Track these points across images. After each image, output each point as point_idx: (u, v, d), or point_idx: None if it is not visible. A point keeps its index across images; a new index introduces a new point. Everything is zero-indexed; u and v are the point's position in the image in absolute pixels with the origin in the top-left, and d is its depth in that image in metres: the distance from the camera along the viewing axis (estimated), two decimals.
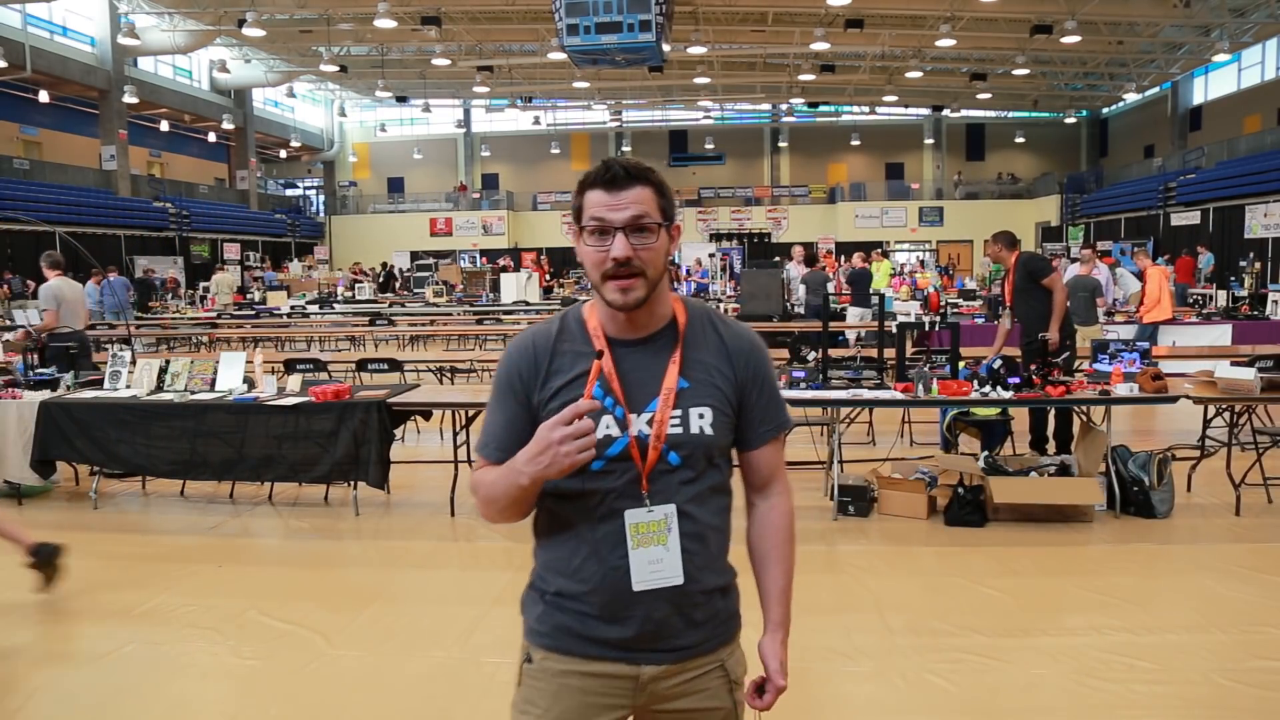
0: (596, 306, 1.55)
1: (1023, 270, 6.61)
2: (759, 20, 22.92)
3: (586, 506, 1.50)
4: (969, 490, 5.25)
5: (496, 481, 1.48)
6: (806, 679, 3.37)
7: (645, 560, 1.47)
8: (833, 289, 14.04)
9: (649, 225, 1.47)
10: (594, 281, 1.50)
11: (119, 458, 5.76)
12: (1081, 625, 3.85)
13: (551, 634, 1.54)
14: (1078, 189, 32.13)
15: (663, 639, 1.51)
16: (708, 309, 1.62)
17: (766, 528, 1.64)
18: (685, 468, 1.50)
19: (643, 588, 1.47)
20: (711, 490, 1.54)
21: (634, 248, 1.45)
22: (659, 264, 1.48)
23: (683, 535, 1.49)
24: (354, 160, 38.64)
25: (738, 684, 1.60)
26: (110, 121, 25.25)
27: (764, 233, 34.66)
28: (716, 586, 1.56)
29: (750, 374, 1.58)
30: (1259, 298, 13.20)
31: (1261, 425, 6.05)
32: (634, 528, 1.48)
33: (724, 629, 1.58)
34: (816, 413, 6.10)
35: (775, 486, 1.65)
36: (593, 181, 1.49)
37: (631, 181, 1.47)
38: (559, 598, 1.53)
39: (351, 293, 21.30)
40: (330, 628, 3.92)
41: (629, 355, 1.52)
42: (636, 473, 1.48)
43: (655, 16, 15.39)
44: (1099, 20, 21.79)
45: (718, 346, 1.56)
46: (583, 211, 1.50)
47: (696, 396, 1.51)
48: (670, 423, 1.49)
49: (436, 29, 21.73)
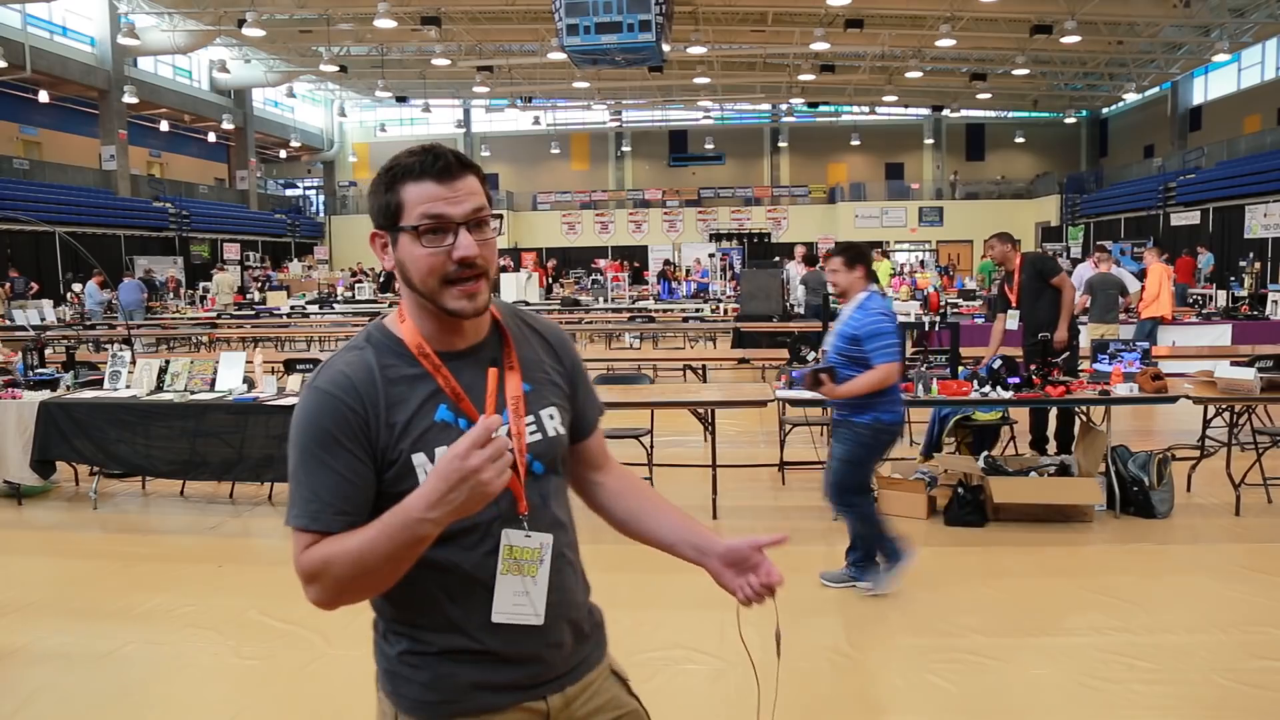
0: (409, 320, 1.36)
1: (1031, 270, 6.57)
2: (759, 20, 22.92)
3: (469, 543, 1.31)
4: (969, 490, 5.25)
5: (374, 544, 1.20)
6: (806, 679, 3.37)
7: (510, 590, 1.32)
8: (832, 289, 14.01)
9: (488, 218, 1.32)
10: (428, 289, 1.30)
11: (119, 458, 5.75)
12: (1081, 625, 3.85)
13: (450, 700, 1.34)
14: (1078, 189, 32.14)
15: (563, 662, 1.40)
16: (510, 305, 1.51)
17: (627, 488, 1.56)
18: (549, 473, 1.40)
19: (501, 619, 1.32)
20: (565, 491, 1.47)
21: (477, 244, 1.29)
22: (496, 261, 1.34)
23: (564, 547, 1.40)
24: (354, 160, 38.66)
25: (628, 680, 1.54)
26: (110, 121, 25.25)
27: (764, 233, 34.66)
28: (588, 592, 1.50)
29: (574, 364, 1.50)
30: (1259, 298, 13.19)
31: (1261, 425, 6.05)
32: (507, 550, 1.32)
33: (599, 632, 1.52)
34: (816, 413, 6.11)
35: (611, 460, 1.59)
36: (419, 172, 1.28)
37: (464, 170, 1.30)
38: (451, 655, 1.34)
39: (351, 293, 21.30)
40: (330, 628, 3.91)
41: (463, 368, 1.34)
42: (512, 495, 1.32)
43: (655, 16, 15.41)
44: (1099, 20, 21.80)
45: (540, 342, 1.47)
46: (403, 209, 1.29)
47: (541, 398, 1.41)
48: (528, 431, 1.37)
49: (436, 29, 21.74)
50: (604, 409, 1.59)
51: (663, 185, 36.82)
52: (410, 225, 1.28)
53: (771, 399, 5.86)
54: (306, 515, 1.26)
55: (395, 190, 1.30)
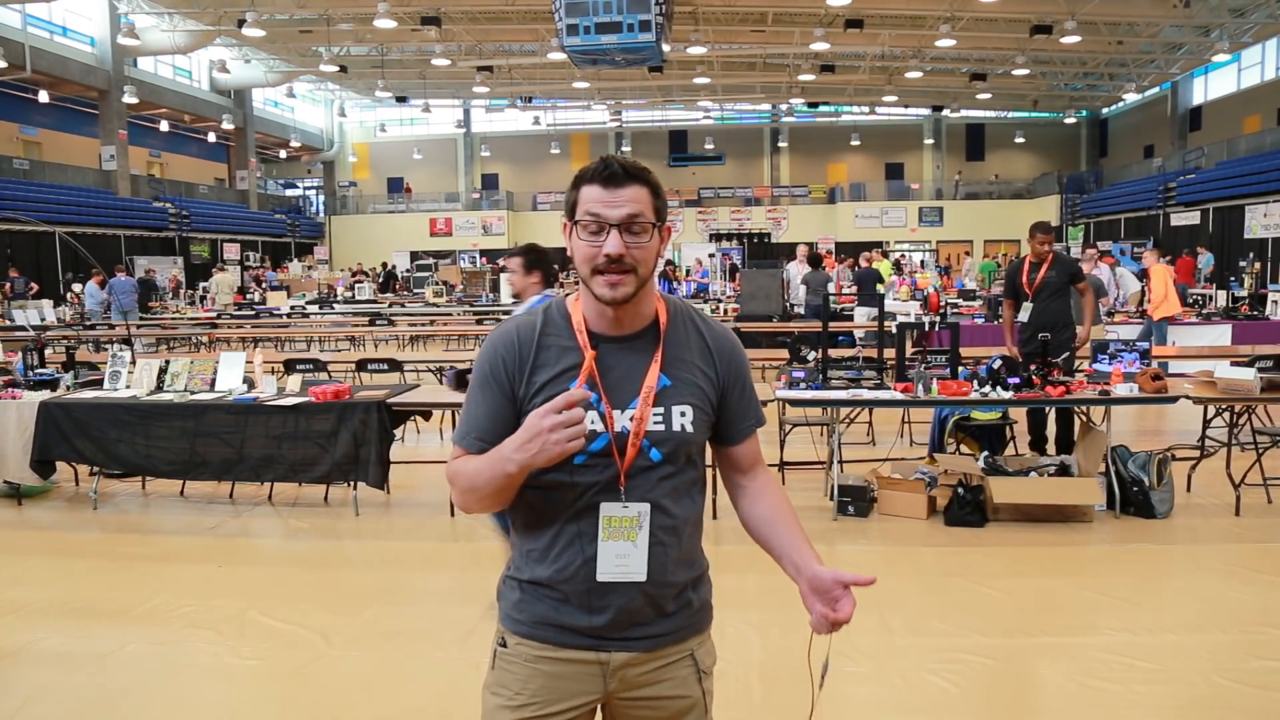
0: (582, 300, 1.56)
1: (1063, 269, 6.56)
2: (759, 20, 22.93)
3: (566, 499, 1.52)
4: (969, 490, 5.25)
5: (480, 470, 1.47)
6: (807, 679, 3.37)
7: (612, 553, 1.50)
8: (832, 289, 14.04)
9: (643, 225, 1.49)
10: (583, 276, 1.50)
11: (119, 458, 5.75)
12: (1081, 625, 3.85)
13: (526, 621, 1.57)
14: (1078, 189, 32.15)
15: (634, 627, 1.54)
16: (689, 308, 1.64)
17: (763, 494, 1.67)
18: (666, 463, 1.53)
19: (606, 579, 1.51)
20: (689, 485, 1.58)
21: (627, 245, 1.47)
22: (650, 263, 1.50)
23: (659, 529, 1.52)
24: (354, 160, 38.66)
25: (706, 674, 1.63)
26: (110, 121, 25.26)
27: (764, 233, 34.68)
28: (689, 579, 1.60)
29: (732, 373, 1.62)
30: (1259, 298, 13.18)
31: (1261, 425, 6.05)
32: (606, 520, 1.50)
33: (695, 620, 1.62)
34: (816, 413, 6.11)
35: (759, 466, 1.70)
36: (590, 177, 1.50)
37: (629, 180, 1.49)
38: (534, 586, 1.56)
39: (351, 293, 21.30)
40: (330, 628, 3.92)
41: (613, 352, 1.53)
42: (616, 469, 1.50)
43: (655, 16, 15.40)
44: (1099, 20, 21.80)
45: (700, 346, 1.59)
46: (577, 206, 1.50)
47: (679, 394, 1.54)
48: (652, 420, 1.51)
49: (436, 29, 21.74)
50: (762, 420, 1.69)
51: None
52: (576, 220, 1.50)
53: (771, 399, 5.86)
54: (458, 434, 1.57)
55: (576, 189, 1.52)
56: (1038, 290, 6.55)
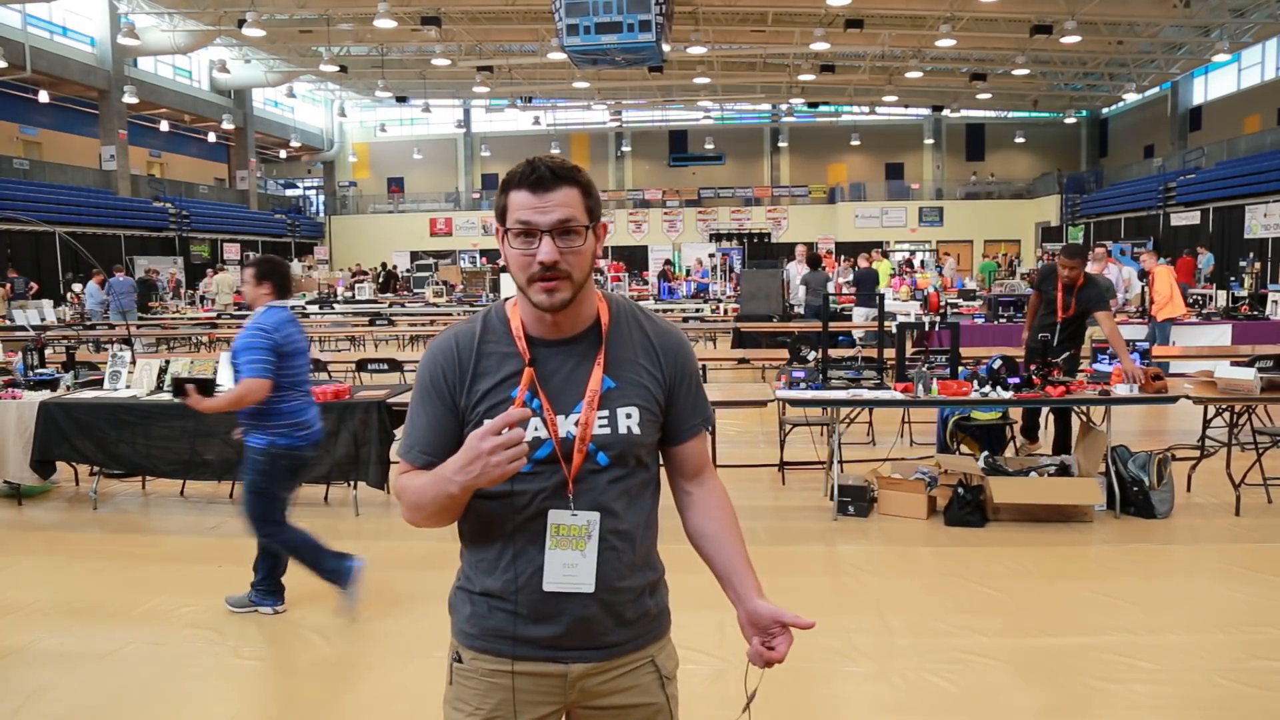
0: (520, 305, 1.52)
1: (1096, 293, 6.22)
2: (759, 20, 22.92)
3: (513, 507, 1.49)
4: (969, 490, 5.25)
5: (424, 488, 1.44)
6: (807, 679, 3.37)
7: (559, 562, 1.47)
8: (832, 289, 14.04)
9: (575, 228, 1.44)
10: (519, 284, 1.47)
11: (119, 458, 5.75)
12: (1082, 625, 3.85)
13: (480, 635, 1.54)
14: (1078, 189, 32.12)
15: (591, 637, 1.51)
16: (633, 306, 1.60)
17: (710, 509, 1.63)
18: (614, 466, 1.49)
19: (553, 589, 1.47)
20: (641, 487, 1.55)
21: (560, 251, 1.42)
22: (585, 266, 1.46)
23: (611, 534, 1.49)
24: (354, 160, 38.65)
25: (669, 679, 1.61)
26: (110, 121, 25.25)
27: (764, 233, 34.65)
28: (645, 583, 1.56)
29: (678, 371, 1.58)
30: (1259, 298, 13.18)
31: (1261, 425, 6.05)
32: (554, 528, 1.47)
33: (654, 625, 1.59)
34: (816, 413, 6.11)
35: (706, 473, 1.66)
36: (518, 182, 1.44)
37: (558, 182, 1.43)
38: (486, 597, 1.53)
39: (351, 293, 21.30)
40: (330, 628, 3.92)
41: (553, 356, 1.50)
42: (564, 475, 1.47)
43: (655, 16, 15.40)
44: (1099, 20, 21.79)
45: (645, 345, 1.55)
46: (507, 212, 1.45)
47: (623, 396, 1.51)
48: (598, 424, 1.48)
49: (436, 29, 21.74)
50: (710, 421, 1.66)
51: (663, 185, 36.82)
52: (506, 227, 1.46)
53: (771, 399, 5.87)
54: (402, 447, 1.55)
55: (504, 195, 1.47)
56: (1067, 319, 6.25)
